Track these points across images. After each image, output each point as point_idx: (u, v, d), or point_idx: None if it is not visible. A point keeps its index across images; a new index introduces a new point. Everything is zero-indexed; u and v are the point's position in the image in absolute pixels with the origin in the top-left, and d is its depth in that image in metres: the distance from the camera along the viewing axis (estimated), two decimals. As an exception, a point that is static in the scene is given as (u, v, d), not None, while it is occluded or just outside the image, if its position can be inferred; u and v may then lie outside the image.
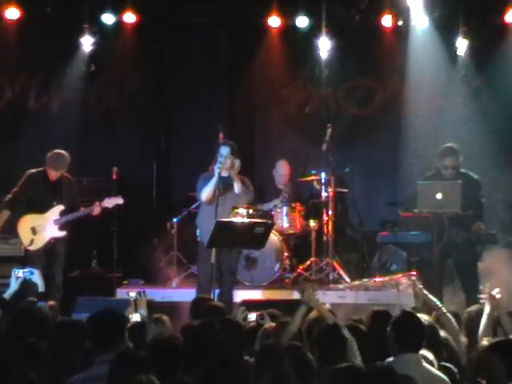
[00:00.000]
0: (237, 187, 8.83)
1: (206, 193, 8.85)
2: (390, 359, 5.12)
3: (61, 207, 9.41)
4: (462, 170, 9.15)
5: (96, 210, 9.34)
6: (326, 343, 5.15)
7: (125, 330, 5.35)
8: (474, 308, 6.50)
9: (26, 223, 9.40)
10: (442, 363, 5.30)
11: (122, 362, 4.62)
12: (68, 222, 9.43)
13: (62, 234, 9.41)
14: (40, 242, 9.35)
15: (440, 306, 6.15)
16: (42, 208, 9.40)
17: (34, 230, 9.37)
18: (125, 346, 5.15)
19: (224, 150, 8.84)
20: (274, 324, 6.66)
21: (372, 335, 5.52)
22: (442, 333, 5.75)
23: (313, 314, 6.13)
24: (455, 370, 5.28)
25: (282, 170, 11.30)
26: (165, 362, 4.92)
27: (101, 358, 4.93)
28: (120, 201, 9.45)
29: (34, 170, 9.52)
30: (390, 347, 5.19)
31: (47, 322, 5.75)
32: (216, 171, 8.78)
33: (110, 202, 9.42)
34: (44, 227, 9.35)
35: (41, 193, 9.43)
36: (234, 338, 5.54)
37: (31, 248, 9.36)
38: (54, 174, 9.43)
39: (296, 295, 8.31)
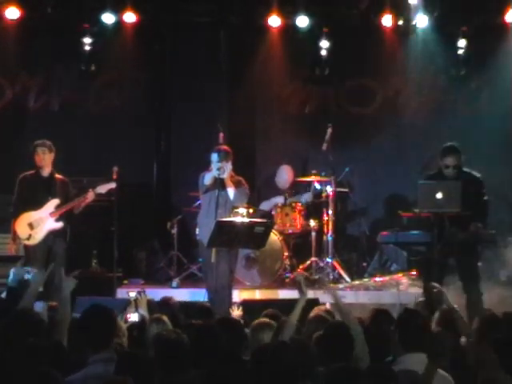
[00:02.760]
0: (231, 194, 8.83)
1: (207, 179, 8.86)
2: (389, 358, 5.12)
3: (56, 201, 9.40)
4: (465, 169, 9.12)
5: (90, 195, 9.33)
6: (332, 342, 5.13)
7: (116, 326, 5.34)
8: (487, 316, 6.44)
9: (23, 220, 9.40)
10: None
11: (127, 362, 4.60)
12: (64, 212, 9.41)
13: (59, 225, 9.38)
14: (38, 235, 9.34)
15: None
16: (38, 205, 9.41)
17: (31, 226, 9.37)
18: (117, 343, 5.15)
19: (213, 157, 8.86)
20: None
21: (372, 334, 5.50)
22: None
23: (313, 314, 6.12)
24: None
25: (285, 175, 11.32)
26: (171, 358, 4.93)
27: (97, 357, 4.91)
28: (113, 185, 9.44)
29: (25, 173, 9.52)
30: (394, 347, 5.18)
31: (42, 323, 5.75)
32: (215, 172, 8.79)
33: (104, 188, 9.41)
34: (41, 221, 9.35)
35: (35, 192, 9.43)
36: (234, 338, 5.54)
37: (29, 243, 9.35)
38: (41, 157, 9.38)
39: (296, 295, 8.32)
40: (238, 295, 9.54)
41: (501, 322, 6.03)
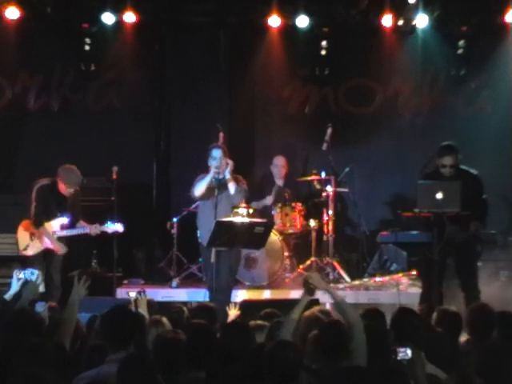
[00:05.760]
0: (232, 189, 8.83)
1: (199, 188, 8.88)
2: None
3: (63, 220, 9.37)
4: (462, 167, 9.12)
5: (93, 231, 9.29)
6: (329, 341, 5.13)
7: (137, 328, 5.36)
8: (475, 305, 6.47)
9: (26, 228, 9.38)
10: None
11: (129, 364, 4.60)
12: (67, 236, 9.40)
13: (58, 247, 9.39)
14: (35, 248, 9.31)
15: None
16: (46, 217, 9.37)
17: (32, 236, 9.35)
18: (136, 346, 5.15)
19: (216, 153, 8.87)
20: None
21: (367, 333, 5.49)
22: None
23: (308, 313, 6.12)
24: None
25: (278, 162, 11.30)
26: (170, 359, 4.94)
27: (113, 357, 4.92)
28: (120, 229, 9.38)
29: (42, 183, 9.41)
30: (390, 346, 5.18)
31: (42, 323, 5.77)
32: (213, 170, 8.79)
33: (110, 229, 9.35)
34: (42, 235, 9.33)
35: (47, 204, 9.39)
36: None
37: (25, 253, 9.33)
38: (68, 191, 9.34)
39: (296, 295, 8.32)
40: (238, 295, 9.55)
41: (492, 314, 6.03)
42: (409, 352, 4.88)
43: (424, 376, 4.85)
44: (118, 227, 9.38)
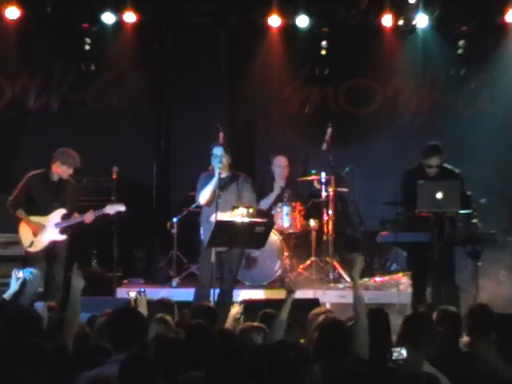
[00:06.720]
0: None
1: (205, 195, 8.88)
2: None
3: (63, 211, 9.37)
4: (446, 166, 9.11)
5: (89, 218, 9.27)
6: (329, 341, 5.14)
7: (143, 330, 5.35)
8: (475, 306, 6.47)
9: (27, 225, 9.38)
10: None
11: (130, 364, 4.60)
12: (69, 226, 9.41)
13: (63, 237, 9.37)
14: (40, 244, 9.31)
15: None
16: (43, 210, 9.35)
17: (34, 233, 9.35)
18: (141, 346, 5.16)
19: (218, 151, 8.88)
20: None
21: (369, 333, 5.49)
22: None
23: (315, 311, 6.13)
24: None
25: (280, 162, 11.29)
26: (169, 358, 4.94)
27: (117, 357, 4.92)
28: (122, 208, 9.39)
29: (35, 172, 9.46)
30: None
31: (41, 320, 5.77)
32: (217, 172, 8.80)
33: (113, 209, 9.37)
34: (45, 230, 9.32)
35: (42, 194, 9.37)
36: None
37: (31, 250, 9.33)
38: (67, 173, 9.37)
39: (296, 295, 8.29)
40: (238, 295, 9.55)
41: (492, 315, 6.04)
42: (404, 352, 4.88)
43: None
44: (120, 207, 9.39)
